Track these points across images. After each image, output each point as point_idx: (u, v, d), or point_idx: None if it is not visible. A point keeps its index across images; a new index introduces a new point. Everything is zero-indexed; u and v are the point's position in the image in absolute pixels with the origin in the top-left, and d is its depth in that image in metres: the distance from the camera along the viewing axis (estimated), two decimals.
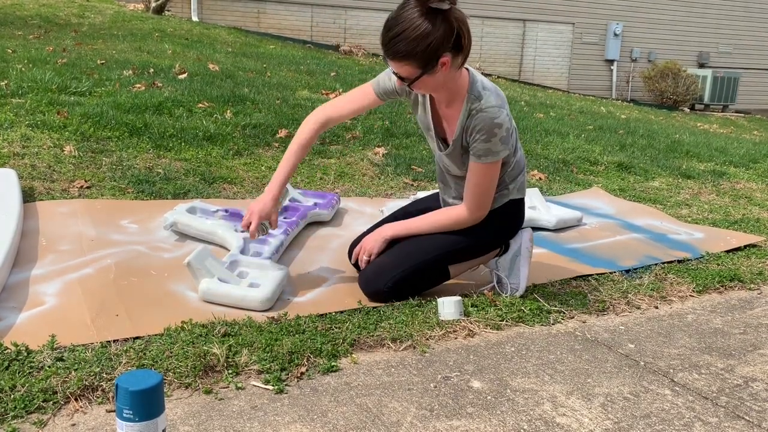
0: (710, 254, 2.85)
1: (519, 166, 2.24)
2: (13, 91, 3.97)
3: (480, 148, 2.04)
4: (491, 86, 2.10)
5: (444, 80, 1.99)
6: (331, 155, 3.87)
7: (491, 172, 2.09)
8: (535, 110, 6.97)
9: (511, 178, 2.22)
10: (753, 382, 1.77)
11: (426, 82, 1.97)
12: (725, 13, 14.12)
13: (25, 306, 1.88)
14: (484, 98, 2.03)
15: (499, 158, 2.06)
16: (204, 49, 7.15)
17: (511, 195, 2.22)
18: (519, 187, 2.24)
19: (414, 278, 2.13)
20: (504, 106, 2.05)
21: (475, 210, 2.14)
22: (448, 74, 1.97)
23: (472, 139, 2.06)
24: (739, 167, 5.17)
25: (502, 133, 2.02)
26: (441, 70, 1.93)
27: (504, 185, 2.21)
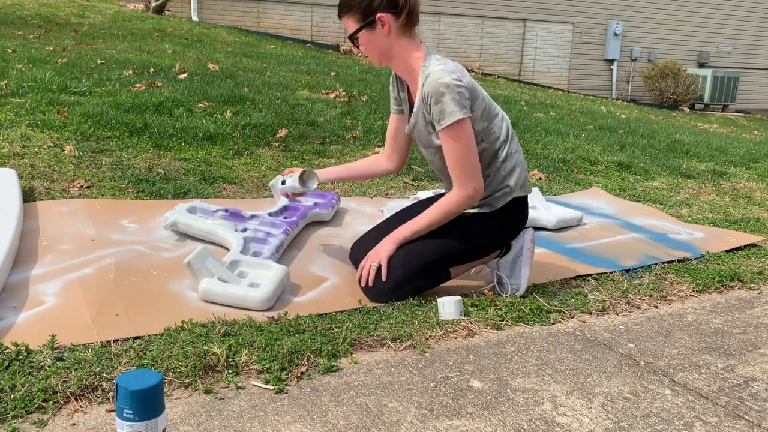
0: (710, 254, 2.85)
1: (515, 159, 2.21)
2: (13, 90, 3.97)
3: (436, 113, 2.05)
4: (446, 60, 2.10)
5: (390, 45, 2.08)
6: (331, 155, 3.87)
7: (460, 137, 2.05)
8: (535, 110, 6.97)
9: (507, 170, 2.19)
10: (753, 381, 1.77)
11: (370, 41, 2.09)
12: (725, 12, 14.12)
13: (25, 306, 1.88)
14: (431, 66, 2.06)
15: (457, 118, 2.02)
16: (204, 48, 7.15)
17: (514, 193, 2.21)
18: (521, 185, 2.23)
19: (415, 279, 2.13)
20: (455, 71, 2.04)
21: (464, 183, 2.10)
22: (397, 40, 2.08)
23: (428, 107, 2.07)
24: (739, 167, 5.18)
25: (452, 94, 2.01)
26: (382, 30, 2.06)
27: (502, 179, 2.19)
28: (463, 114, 2.03)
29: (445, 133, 2.06)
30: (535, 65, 12.67)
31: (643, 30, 13.44)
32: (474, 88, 2.10)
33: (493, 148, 2.17)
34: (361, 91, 5.93)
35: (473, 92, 2.09)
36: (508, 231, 2.26)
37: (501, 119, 2.20)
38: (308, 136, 4.11)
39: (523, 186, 2.24)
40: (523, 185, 2.24)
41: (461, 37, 11.93)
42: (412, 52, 2.11)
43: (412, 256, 2.13)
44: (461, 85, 2.03)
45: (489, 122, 2.15)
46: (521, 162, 2.25)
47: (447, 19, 11.75)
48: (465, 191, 2.10)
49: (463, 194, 2.11)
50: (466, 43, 11.99)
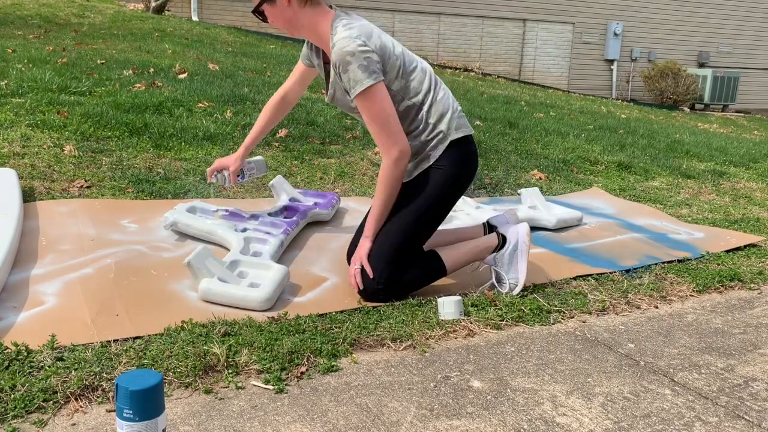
0: (710, 254, 2.85)
1: (442, 105, 2.16)
2: (13, 90, 3.97)
3: (345, 81, 2.03)
4: (357, 22, 2.07)
5: (296, 17, 2.08)
6: (331, 155, 3.87)
7: (373, 103, 2.01)
8: (535, 110, 6.97)
9: (435, 117, 2.15)
10: (753, 381, 1.77)
11: (273, 14, 2.09)
12: (725, 12, 14.12)
13: (25, 306, 1.88)
14: (336, 33, 2.03)
15: (366, 86, 1.99)
16: (204, 48, 7.15)
17: (449, 136, 2.16)
18: (456, 126, 2.17)
19: (402, 268, 2.12)
20: (361, 35, 2.01)
21: (388, 147, 2.05)
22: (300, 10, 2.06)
23: (339, 76, 2.06)
24: (739, 167, 5.18)
25: (359, 61, 1.97)
26: (283, 1, 2.05)
27: (432, 127, 2.15)
28: (373, 80, 2.00)
29: (358, 101, 2.04)
30: (535, 65, 12.67)
31: (643, 30, 13.44)
32: (384, 49, 2.05)
33: (417, 102, 2.13)
34: None
35: (383, 54, 2.05)
36: (459, 176, 2.19)
37: (421, 71, 2.15)
38: (308, 136, 4.11)
39: (458, 127, 2.18)
40: (458, 127, 2.18)
41: (461, 37, 11.93)
42: (319, 20, 2.08)
43: (384, 244, 2.12)
44: (367, 49, 2.00)
45: (406, 79, 2.11)
46: (450, 104, 2.19)
47: (447, 19, 11.75)
48: (391, 156, 2.06)
49: (391, 158, 2.06)
50: (466, 43, 11.99)
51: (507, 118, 5.71)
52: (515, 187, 3.77)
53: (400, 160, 2.07)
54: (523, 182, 3.90)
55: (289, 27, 2.13)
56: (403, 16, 11.40)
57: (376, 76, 2.01)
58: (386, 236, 2.13)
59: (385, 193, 2.10)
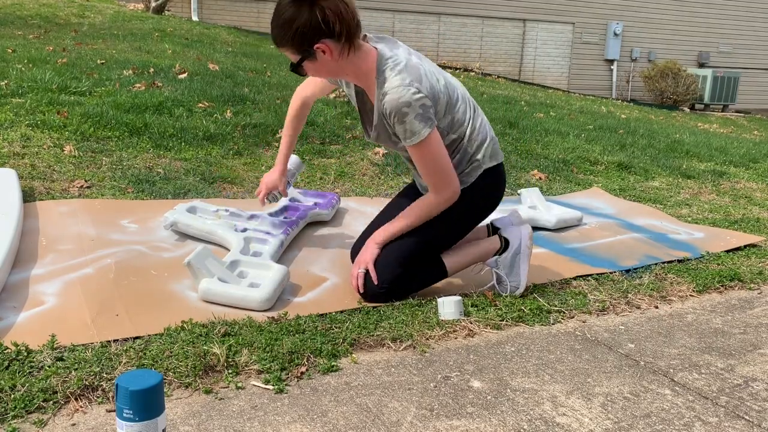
0: (710, 254, 2.85)
1: (481, 135, 2.16)
2: (13, 90, 3.97)
3: (400, 132, 1.99)
4: (401, 58, 1.99)
5: (339, 66, 1.98)
6: (331, 155, 3.87)
7: (428, 150, 2.00)
8: (535, 110, 6.97)
9: (475, 146, 2.15)
10: (753, 381, 1.77)
11: (316, 68, 1.99)
12: (725, 12, 14.12)
13: (25, 306, 1.88)
14: (387, 80, 1.96)
15: (424, 136, 1.96)
16: (204, 48, 7.16)
17: (483, 165, 2.16)
18: (491, 154, 2.18)
19: (407, 274, 2.12)
20: (413, 81, 1.94)
21: (440, 190, 2.06)
22: (344, 60, 1.96)
23: (391, 125, 2.01)
24: (739, 167, 5.18)
25: (416, 111, 1.93)
26: (325, 56, 1.94)
27: (471, 157, 2.15)
28: (429, 128, 1.97)
29: (413, 150, 2.02)
30: (535, 65, 12.68)
31: (643, 30, 13.44)
32: (433, 89, 1.99)
33: (461, 134, 2.13)
34: None
35: (434, 95, 1.99)
36: (485, 204, 2.20)
37: (462, 101, 2.13)
38: (308, 136, 4.11)
39: (492, 156, 2.18)
40: (492, 155, 2.18)
41: (461, 37, 11.93)
42: (362, 64, 2.00)
43: (397, 252, 2.11)
44: (422, 96, 1.95)
45: (452, 113, 2.08)
46: (488, 133, 2.19)
47: (447, 19, 11.75)
48: (443, 196, 2.08)
49: (440, 200, 2.08)
50: (466, 43, 11.99)
51: (507, 118, 5.71)
52: (515, 187, 3.77)
53: (449, 200, 2.09)
54: (523, 182, 3.90)
55: (330, 76, 2.07)
56: (403, 16, 11.40)
57: (431, 123, 1.98)
58: (399, 246, 2.13)
59: (418, 219, 2.12)
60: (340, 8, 1.88)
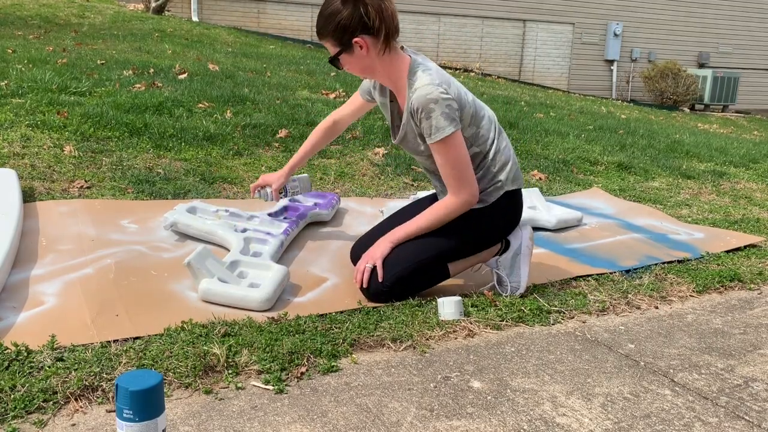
0: (710, 254, 2.85)
1: (504, 156, 2.20)
2: (13, 91, 3.97)
3: (425, 128, 2.05)
4: (433, 67, 2.10)
5: (373, 63, 2.08)
6: (331, 155, 3.87)
7: (451, 149, 2.05)
8: (535, 110, 6.97)
9: (498, 166, 2.19)
10: (753, 382, 1.77)
11: (351, 62, 2.09)
12: (725, 13, 14.12)
13: (25, 306, 1.88)
14: (418, 80, 2.05)
15: (449, 133, 2.02)
16: (204, 49, 7.16)
17: (505, 186, 2.20)
18: (513, 178, 2.22)
19: (413, 277, 2.13)
20: (443, 83, 2.04)
21: (458, 191, 2.10)
22: (378, 58, 2.07)
23: (418, 122, 2.08)
24: (739, 167, 5.18)
25: (441, 108, 2.01)
26: (361, 51, 2.04)
27: (493, 176, 2.19)
28: (454, 127, 2.03)
29: (436, 147, 2.07)
30: (535, 65, 12.68)
31: (643, 30, 13.44)
32: (460, 96, 2.10)
33: (483, 150, 2.17)
34: None
35: (461, 101, 2.09)
36: (502, 225, 2.25)
37: (488, 120, 2.19)
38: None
39: (514, 179, 2.23)
40: (514, 179, 2.23)
41: (461, 38, 11.93)
42: (396, 65, 2.10)
43: (407, 255, 2.12)
44: (449, 97, 2.03)
45: (477, 126, 2.15)
46: (511, 156, 2.24)
47: (447, 19, 11.75)
48: (461, 198, 2.11)
49: (459, 201, 2.11)
50: (466, 44, 11.99)
51: (507, 119, 5.71)
52: None
53: (468, 203, 2.12)
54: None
55: (365, 73, 2.15)
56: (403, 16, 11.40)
57: (456, 123, 2.04)
58: (412, 251, 2.13)
59: (434, 222, 2.15)
60: (382, 7, 2.00)
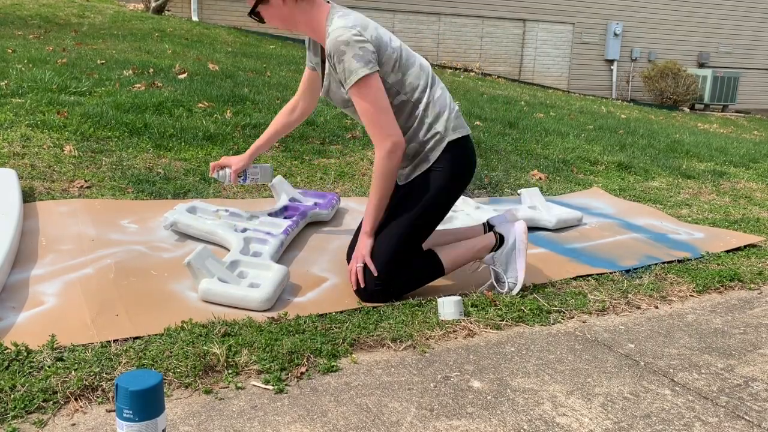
0: (710, 254, 2.85)
1: (439, 105, 2.15)
2: (13, 91, 3.97)
3: (340, 72, 2.01)
4: (352, 13, 2.06)
5: (291, 13, 2.07)
6: (331, 155, 3.87)
7: (366, 93, 1.99)
8: (535, 110, 6.97)
9: (432, 117, 2.13)
10: (753, 382, 1.77)
11: (269, 13, 2.09)
12: (725, 13, 14.12)
13: (25, 306, 1.88)
14: (332, 24, 2.01)
15: (361, 75, 1.96)
16: (204, 49, 7.15)
17: (447, 137, 2.14)
18: (453, 127, 2.16)
19: (401, 268, 2.12)
20: (357, 26, 1.99)
21: (381, 140, 2.02)
22: (297, 7, 2.05)
23: (333, 67, 2.04)
24: (739, 167, 5.18)
25: (354, 51, 1.95)
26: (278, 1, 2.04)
27: (428, 127, 2.13)
28: (368, 69, 1.97)
29: (352, 92, 2.02)
30: (535, 65, 12.67)
31: (643, 30, 13.44)
32: (380, 40, 2.04)
33: (412, 98, 2.12)
34: None
35: (379, 45, 2.03)
36: (459, 176, 2.17)
37: (419, 68, 2.14)
38: (308, 136, 4.11)
39: (455, 128, 2.16)
40: (456, 127, 2.17)
41: (461, 37, 11.93)
42: (314, 14, 2.07)
43: (383, 245, 2.11)
44: (363, 39, 1.98)
45: (403, 73, 2.10)
46: (447, 104, 2.18)
47: (447, 19, 11.75)
48: (385, 147, 2.03)
49: (384, 151, 2.03)
50: (466, 43, 11.99)
51: (507, 119, 5.71)
52: (515, 187, 3.77)
53: (393, 152, 2.04)
54: (523, 182, 3.90)
55: (286, 24, 2.12)
56: (403, 16, 11.40)
57: (371, 66, 1.99)
58: (385, 237, 2.13)
59: (380, 187, 2.07)
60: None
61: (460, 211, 3.04)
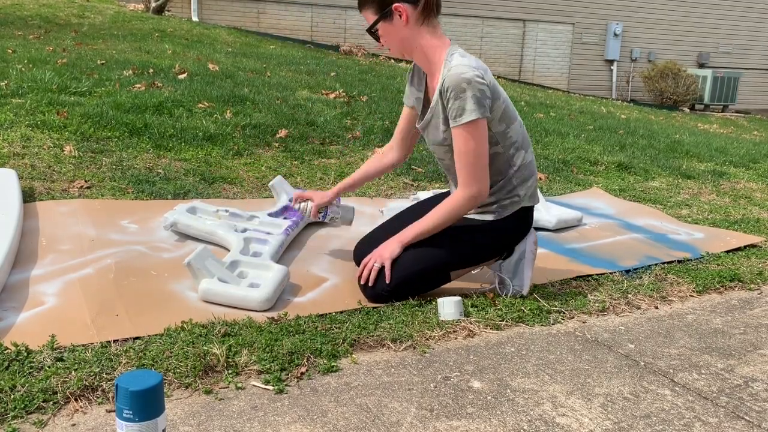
0: (710, 254, 2.85)
1: (528, 171, 2.19)
2: (13, 91, 3.97)
3: (452, 108, 2.01)
4: (470, 56, 2.08)
5: (411, 35, 2.07)
6: (331, 155, 3.87)
7: (473, 136, 2.01)
8: (535, 110, 6.97)
9: (519, 180, 2.17)
10: (753, 382, 1.77)
11: (389, 32, 2.08)
12: (725, 13, 14.12)
13: (25, 306, 1.88)
14: (454, 60, 2.03)
15: (473, 117, 1.98)
16: (204, 49, 7.15)
17: (522, 202, 2.19)
18: (530, 195, 2.20)
19: (415, 283, 2.13)
20: (479, 68, 2.02)
21: (469, 184, 2.05)
22: (416, 31, 2.06)
23: (446, 102, 2.04)
24: (739, 167, 5.18)
25: (473, 92, 1.97)
26: (401, 20, 2.04)
27: (512, 188, 2.17)
28: (481, 113, 1.99)
29: (458, 131, 2.02)
30: (534, 65, 12.68)
31: (643, 30, 13.44)
32: (496, 88, 2.07)
33: (508, 154, 2.14)
34: (361, 91, 5.93)
35: (495, 92, 2.05)
36: (511, 239, 2.22)
37: (519, 125, 2.17)
38: (308, 137, 4.11)
39: (532, 196, 2.21)
40: (532, 196, 2.21)
41: (461, 37, 11.93)
42: (434, 43, 2.08)
43: (415, 261, 2.11)
44: (483, 82, 1.99)
45: (507, 125, 2.11)
46: (534, 172, 2.22)
47: (447, 19, 11.75)
48: (469, 192, 2.07)
49: (467, 195, 2.07)
50: (466, 43, 11.99)
51: None
52: None
53: (475, 198, 2.07)
54: None
55: (401, 48, 2.11)
56: None
57: (484, 111, 2.00)
58: (417, 260, 2.12)
59: (443, 219, 2.10)
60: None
61: None
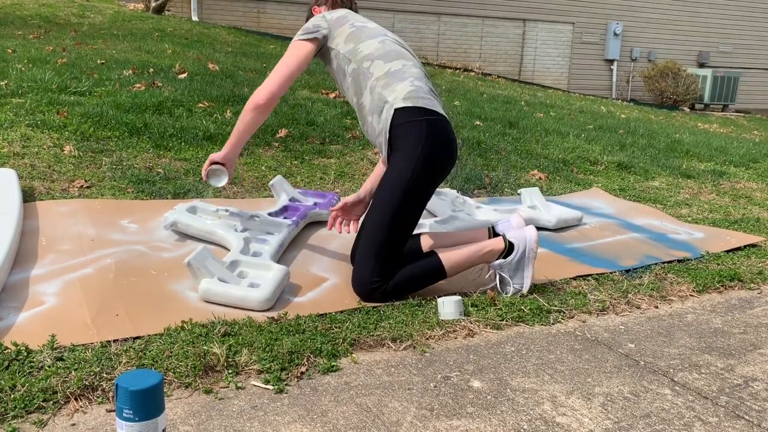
0: (710, 254, 2.85)
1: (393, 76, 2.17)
2: (13, 91, 3.97)
3: None
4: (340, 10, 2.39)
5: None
6: (331, 155, 3.87)
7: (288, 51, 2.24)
8: (535, 110, 6.97)
9: (383, 86, 2.17)
10: (753, 381, 1.77)
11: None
12: (725, 12, 14.12)
13: (25, 306, 1.88)
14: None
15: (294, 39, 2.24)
16: (204, 48, 7.15)
17: (395, 104, 2.13)
18: (404, 97, 2.13)
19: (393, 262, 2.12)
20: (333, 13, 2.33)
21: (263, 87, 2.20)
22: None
23: None
24: (739, 167, 5.18)
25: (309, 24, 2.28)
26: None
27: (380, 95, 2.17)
28: (301, 37, 2.24)
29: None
30: (535, 65, 12.67)
31: (643, 30, 13.44)
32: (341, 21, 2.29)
33: (363, 66, 2.22)
34: None
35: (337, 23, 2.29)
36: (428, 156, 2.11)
37: (379, 42, 2.27)
38: (308, 136, 4.11)
39: (405, 99, 2.13)
40: (407, 97, 2.13)
41: (461, 37, 11.92)
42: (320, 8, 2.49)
43: (369, 239, 2.12)
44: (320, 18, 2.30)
45: (356, 43, 2.26)
46: (404, 78, 2.18)
47: (447, 19, 11.75)
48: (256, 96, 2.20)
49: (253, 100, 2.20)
50: (466, 43, 11.99)
51: (507, 118, 5.71)
52: (515, 187, 3.77)
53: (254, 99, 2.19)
54: (523, 182, 3.90)
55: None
56: (403, 16, 11.40)
57: (308, 36, 2.25)
58: (370, 231, 2.14)
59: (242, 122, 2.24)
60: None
61: (460, 212, 3.04)
